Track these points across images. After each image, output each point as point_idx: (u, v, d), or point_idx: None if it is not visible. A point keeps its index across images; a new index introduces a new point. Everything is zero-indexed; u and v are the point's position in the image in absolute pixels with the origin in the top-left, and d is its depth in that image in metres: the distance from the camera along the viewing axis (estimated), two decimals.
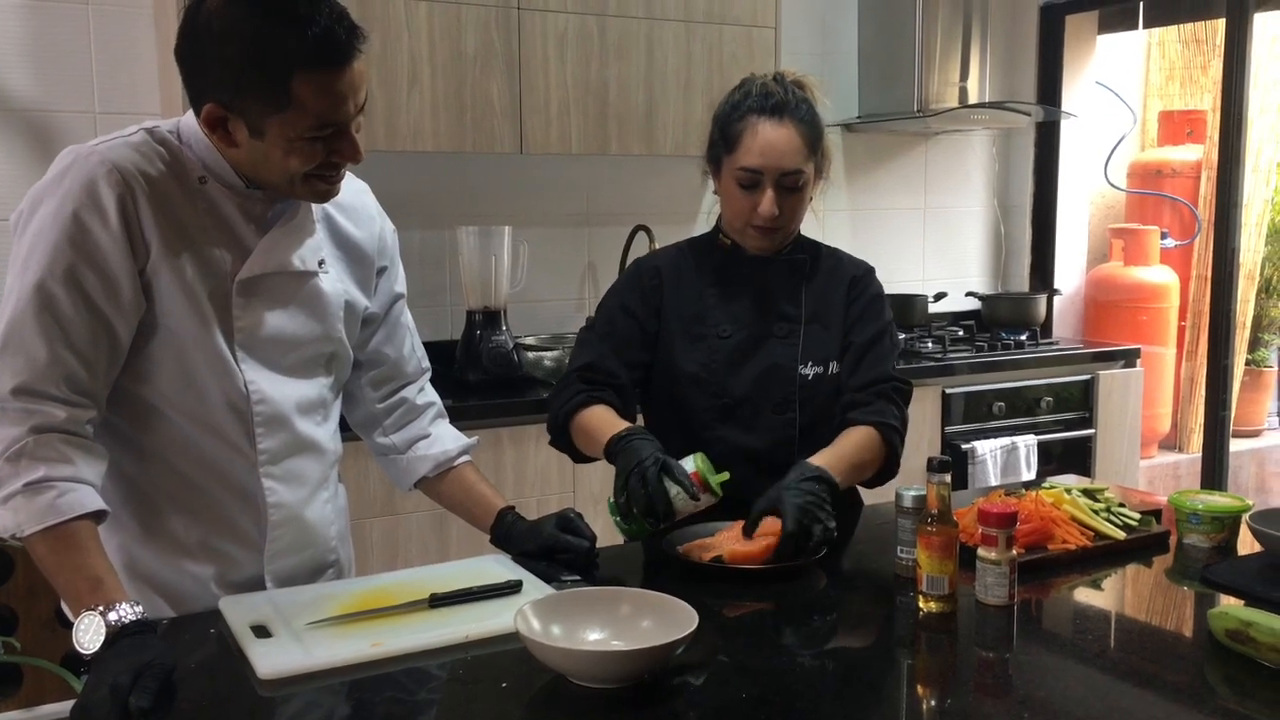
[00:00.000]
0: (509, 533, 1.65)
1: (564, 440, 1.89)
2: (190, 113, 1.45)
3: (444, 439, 1.74)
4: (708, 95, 3.22)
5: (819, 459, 1.74)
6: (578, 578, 1.54)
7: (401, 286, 1.72)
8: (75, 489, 1.33)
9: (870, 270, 1.99)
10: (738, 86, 1.88)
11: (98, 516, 1.35)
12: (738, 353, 1.88)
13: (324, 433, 1.61)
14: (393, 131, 2.84)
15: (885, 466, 1.88)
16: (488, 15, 2.92)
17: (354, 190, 1.65)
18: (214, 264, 1.45)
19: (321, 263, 1.55)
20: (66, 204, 1.36)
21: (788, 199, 1.83)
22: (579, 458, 1.90)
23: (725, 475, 1.67)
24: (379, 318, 1.68)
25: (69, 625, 1.28)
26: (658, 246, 3.20)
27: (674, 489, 1.61)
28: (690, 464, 1.65)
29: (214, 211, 1.46)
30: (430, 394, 1.77)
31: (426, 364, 1.78)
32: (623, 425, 1.76)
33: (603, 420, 1.80)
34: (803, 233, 1.96)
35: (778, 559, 1.58)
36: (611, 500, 1.69)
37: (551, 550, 1.60)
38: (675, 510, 1.63)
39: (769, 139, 1.79)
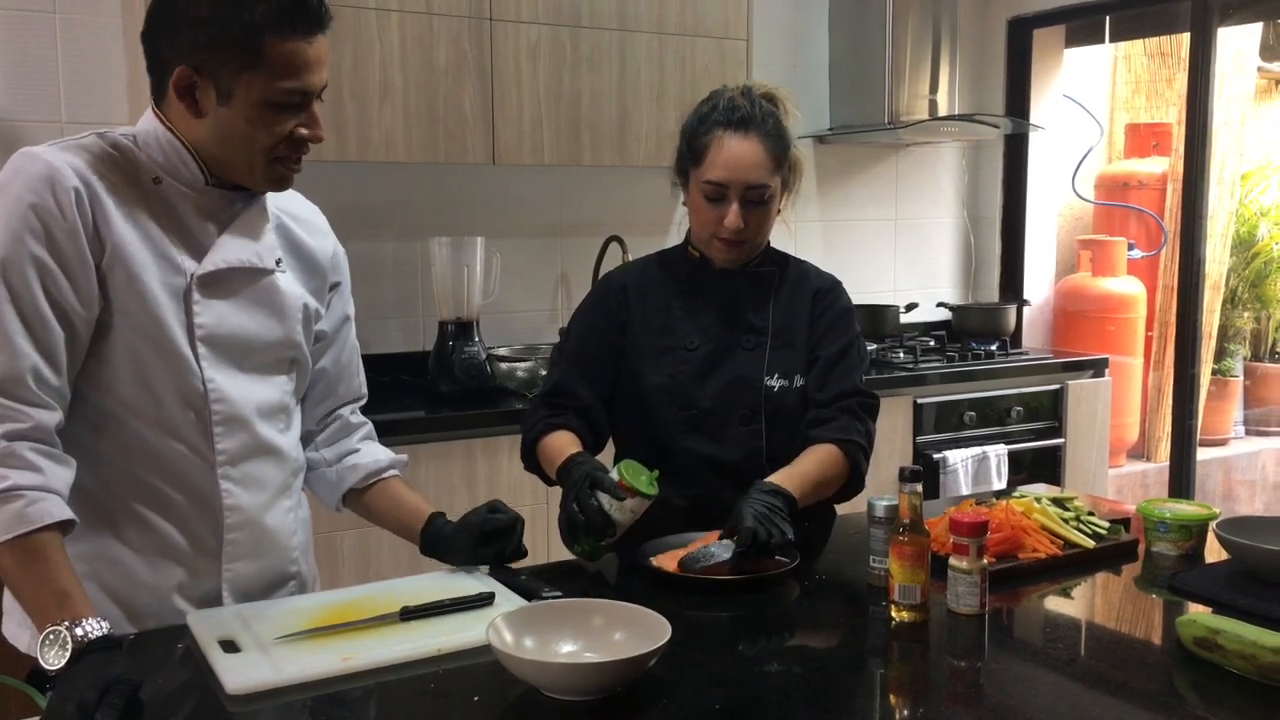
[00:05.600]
0: (439, 534, 1.64)
1: (534, 466, 1.93)
2: (147, 115, 1.47)
3: (374, 452, 1.73)
4: (680, 106, 3.23)
5: (776, 477, 1.76)
6: (558, 593, 1.52)
7: (351, 308, 1.73)
8: (43, 498, 1.32)
9: (836, 283, 1.99)
10: (705, 99, 1.89)
11: (65, 527, 1.34)
12: (704, 364, 1.89)
13: (286, 440, 1.60)
14: (365, 142, 2.83)
15: (849, 482, 1.88)
16: (460, 26, 2.92)
17: (308, 206, 1.68)
18: (171, 261, 1.45)
19: (279, 261, 1.56)
20: (21, 200, 1.36)
21: (753, 212, 1.83)
22: (550, 481, 1.90)
23: (655, 472, 1.70)
24: (328, 336, 1.68)
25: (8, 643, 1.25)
26: (631, 258, 3.21)
27: (604, 499, 1.65)
28: (615, 474, 1.69)
29: (169, 211, 1.46)
30: (362, 416, 1.77)
31: (365, 390, 1.78)
32: (570, 452, 1.79)
33: (558, 448, 1.83)
34: (774, 245, 1.97)
35: (739, 561, 1.60)
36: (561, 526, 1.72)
37: (483, 534, 1.59)
38: (614, 521, 1.65)
39: (734, 152, 1.80)
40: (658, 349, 1.90)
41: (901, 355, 3.67)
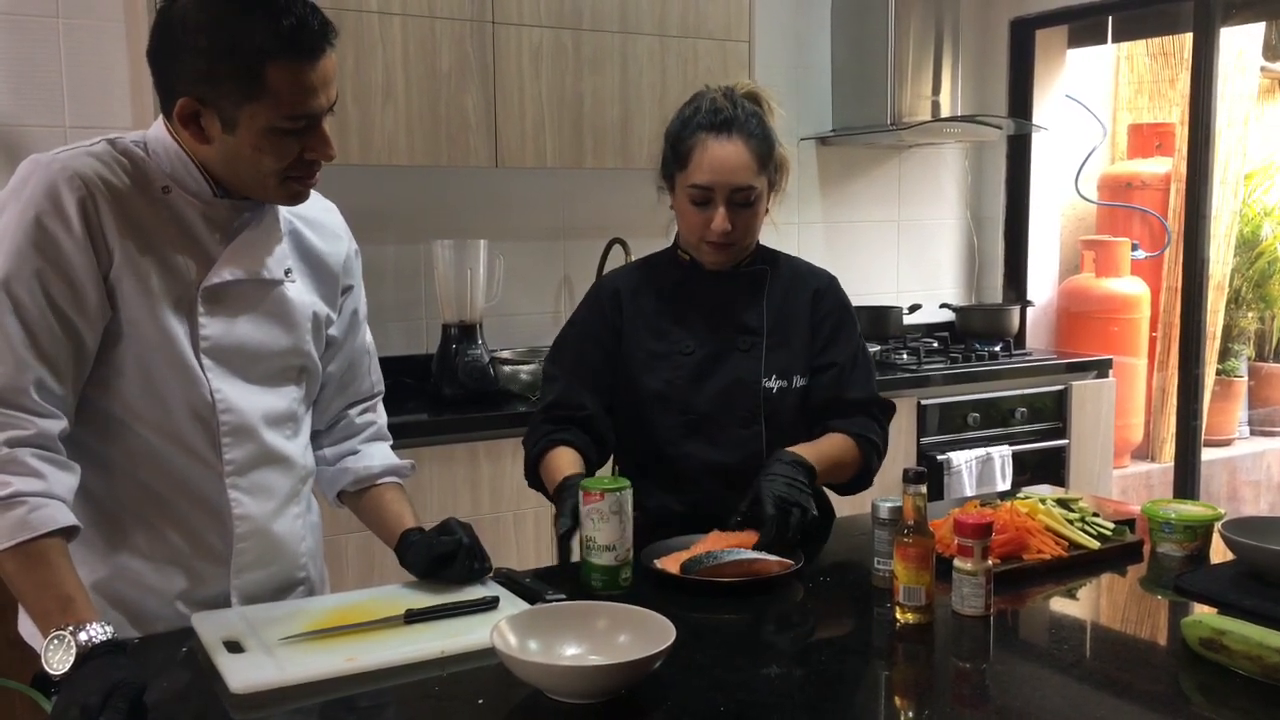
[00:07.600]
0: (406, 551, 1.61)
1: (537, 483, 1.90)
2: (157, 123, 1.46)
3: (371, 457, 1.71)
4: None
5: (798, 449, 1.75)
6: (563, 596, 1.52)
7: (364, 308, 1.72)
8: (47, 504, 1.32)
9: (833, 280, 1.98)
10: (689, 102, 1.89)
11: (69, 533, 1.34)
12: (701, 368, 1.88)
13: (294, 447, 1.59)
14: (367, 146, 2.83)
15: (858, 476, 1.88)
16: (462, 29, 2.92)
17: (322, 208, 1.66)
18: (178, 271, 1.45)
19: (288, 271, 1.55)
20: (29, 210, 1.36)
21: (740, 214, 1.82)
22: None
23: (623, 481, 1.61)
24: (339, 340, 1.67)
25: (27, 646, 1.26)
26: (633, 259, 3.20)
27: (585, 542, 1.59)
28: (579, 498, 1.60)
29: (178, 220, 1.46)
30: (373, 415, 1.75)
31: (380, 386, 1.77)
32: (566, 474, 1.74)
33: (556, 468, 1.79)
34: (764, 243, 1.96)
35: (762, 547, 1.60)
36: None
37: (433, 556, 1.56)
38: (612, 541, 1.57)
39: (717, 155, 1.79)
40: (653, 355, 1.89)
41: (905, 356, 3.66)
